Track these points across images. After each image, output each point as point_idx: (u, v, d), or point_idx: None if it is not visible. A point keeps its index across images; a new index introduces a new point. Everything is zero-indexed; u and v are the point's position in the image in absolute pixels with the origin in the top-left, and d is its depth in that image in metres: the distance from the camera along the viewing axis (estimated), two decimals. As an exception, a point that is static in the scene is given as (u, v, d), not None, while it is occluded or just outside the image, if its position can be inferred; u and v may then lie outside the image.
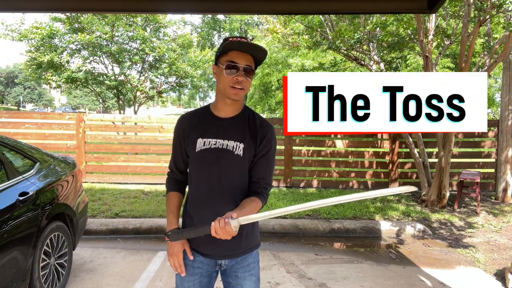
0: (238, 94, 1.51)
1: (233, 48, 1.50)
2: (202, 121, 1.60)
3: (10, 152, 3.08)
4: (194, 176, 1.61)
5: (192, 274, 1.61)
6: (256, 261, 1.67)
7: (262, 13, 8.68)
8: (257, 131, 1.58)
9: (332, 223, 5.10)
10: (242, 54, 1.50)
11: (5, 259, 2.48)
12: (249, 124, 1.59)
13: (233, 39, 1.50)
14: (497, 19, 6.27)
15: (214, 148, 1.55)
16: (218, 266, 1.64)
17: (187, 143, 1.60)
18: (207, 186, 1.56)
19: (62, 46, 11.38)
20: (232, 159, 1.54)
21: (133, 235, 4.81)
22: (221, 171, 1.54)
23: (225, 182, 1.55)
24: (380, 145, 7.53)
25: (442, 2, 2.14)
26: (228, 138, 1.55)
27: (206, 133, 1.57)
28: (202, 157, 1.56)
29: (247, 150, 1.55)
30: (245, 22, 27.25)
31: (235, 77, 1.49)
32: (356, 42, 6.17)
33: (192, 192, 1.63)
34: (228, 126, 1.58)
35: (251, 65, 1.52)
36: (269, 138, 1.59)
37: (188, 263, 1.61)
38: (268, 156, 1.60)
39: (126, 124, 7.96)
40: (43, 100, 54.97)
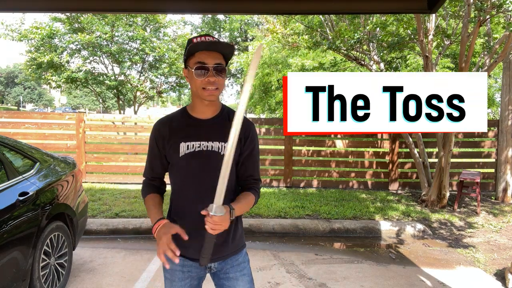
0: (213, 94, 1.48)
1: (199, 49, 1.46)
2: (181, 125, 1.56)
3: (10, 152, 3.08)
4: (179, 182, 1.57)
5: (182, 278, 1.59)
6: (247, 260, 1.66)
7: (262, 13, 8.67)
8: (240, 130, 1.54)
9: (332, 223, 5.10)
10: (209, 53, 1.46)
11: (5, 259, 2.48)
12: (230, 122, 1.55)
13: (196, 40, 1.46)
14: (497, 19, 6.27)
15: (199, 151, 1.52)
16: (208, 269, 1.62)
17: (167, 149, 1.55)
18: (194, 191, 1.53)
19: (62, 46, 11.39)
20: (219, 160, 1.46)
21: (133, 235, 4.81)
22: (209, 174, 1.50)
23: (212, 184, 1.46)
24: (380, 145, 7.53)
25: (442, 2, 2.14)
26: (212, 139, 1.53)
27: (188, 136, 1.53)
28: (187, 161, 1.52)
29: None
30: (245, 22, 27.25)
31: (206, 78, 1.45)
32: (356, 42, 6.17)
33: (177, 200, 1.59)
34: (210, 128, 1.54)
35: (221, 62, 1.47)
36: (252, 137, 1.59)
37: (177, 268, 1.58)
38: (254, 154, 1.60)
39: (126, 124, 7.96)
40: (43, 100, 54.98)
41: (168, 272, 1.61)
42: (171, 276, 1.60)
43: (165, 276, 1.63)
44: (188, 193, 1.54)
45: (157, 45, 12.00)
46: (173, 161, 1.56)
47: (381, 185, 7.39)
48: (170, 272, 1.60)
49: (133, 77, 12.55)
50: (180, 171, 1.55)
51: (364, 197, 6.61)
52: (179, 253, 1.41)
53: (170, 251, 1.39)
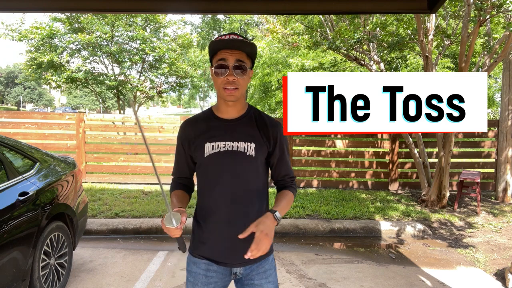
0: (233, 94, 1.44)
1: (220, 47, 1.43)
2: (207, 125, 1.54)
3: (10, 152, 3.08)
4: (205, 183, 1.54)
5: (205, 283, 1.53)
6: (273, 267, 1.60)
7: (262, 13, 8.67)
8: (268, 131, 1.54)
9: (332, 223, 5.10)
10: (231, 52, 1.42)
11: (5, 259, 2.48)
12: (257, 123, 1.54)
13: (218, 38, 1.43)
14: (497, 19, 6.28)
15: (224, 151, 1.49)
16: (233, 275, 1.56)
17: (193, 149, 1.54)
18: (219, 192, 1.50)
19: (62, 46, 11.38)
20: (244, 161, 1.48)
21: (133, 235, 4.81)
22: (235, 174, 1.49)
23: (239, 185, 1.49)
24: (380, 145, 7.53)
25: (442, 2, 2.13)
26: (237, 139, 1.49)
27: (213, 136, 1.50)
28: (212, 161, 1.49)
29: (259, 150, 1.50)
30: (245, 22, 27.24)
31: (226, 77, 1.42)
32: (356, 42, 6.17)
33: (202, 200, 1.56)
34: (236, 128, 1.52)
35: (243, 60, 1.43)
36: (281, 136, 1.57)
37: (201, 272, 1.54)
38: (285, 154, 1.59)
39: (126, 124, 7.96)
40: (43, 100, 54.97)
41: (191, 275, 1.56)
42: (194, 279, 1.55)
43: (187, 279, 1.58)
44: (213, 194, 1.51)
45: (157, 45, 12.00)
46: (198, 161, 1.54)
47: (381, 185, 7.39)
48: (193, 275, 1.55)
49: (133, 77, 12.54)
50: (205, 172, 1.53)
51: (364, 197, 6.61)
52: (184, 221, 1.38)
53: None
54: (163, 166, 7.50)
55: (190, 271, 1.57)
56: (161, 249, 4.34)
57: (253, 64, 1.53)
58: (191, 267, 1.57)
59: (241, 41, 1.42)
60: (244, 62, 1.44)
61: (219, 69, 1.43)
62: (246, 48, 1.44)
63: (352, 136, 7.59)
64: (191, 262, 1.57)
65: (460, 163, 7.39)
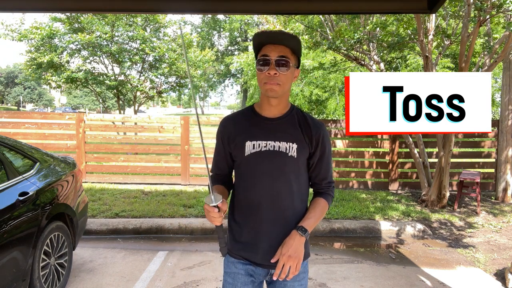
0: (273, 89, 1.40)
1: (263, 42, 1.41)
2: (248, 123, 1.50)
3: (10, 152, 3.08)
4: (244, 182, 1.51)
5: (245, 283, 1.52)
6: (306, 271, 1.59)
7: (262, 13, 8.65)
8: (311, 131, 1.50)
9: (332, 223, 5.10)
10: (274, 47, 1.39)
11: (5, 259, 2.48)
12: (300, 124, 1.51)
13: (262, 31, 1.42)
14: (497, 19, 6.27)
15: (265, 151, 1.45)
16: (269, 276, 1.54)
17: (233, 147, 1.50)
18: (260, 192, 1.47)
19: (62, 46, 11.37)
20: (286, 161, 1.45)
21: (133, 235, 4.81)
22: (275, 175, 1.45)
23: (280, 186, 1.46)
24: (380, 145, 7.53)
25: (442, 2, 2.13)
26: (279, 139, 1.46)
27: (255, 135, 1.47)
28: (252, 161, 1.46)
29: (301, 151, 1.47)
30: (245, 22, 27.25)
31: (267, 71, 1.39)
32: (356, 42, 6.16)
33: (241, 199, 1.53)
34: (278, 127, 1.48)
35: (285, 55, 1.39)
36: (324, 137, 1.52)
37: (241, 272, 1.52)
38: (327, 156, 1.54)
39: (126, 124, 7.96)
40: (43, 100, 54.97)
41: (230, 276, 1.54)
42: (233, 280, 1.53)
43: (225, 280, 1.55)
44: (252, 194, 1.48)
45: (157, 45, 12.00)
46: (238, 159, 1.51)
47: (381, 185, 7.39)
48: (232, 276, 1.53)
49: (133, 77, 12.54)
50: (245, 171, 1.50)
51: (364, 197, 6.61)
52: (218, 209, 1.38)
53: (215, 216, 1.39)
54: (162, 166, 7.50)
55: (229, 272, 1.54)
56: (161, 249, 4.34)
57: (299, 62, 1.49)
58: (230, 268, 1.54)
59: (284, 34, 1.39)
60: (287, 58, 1.40)
61: (261, 64, 1.40)
62: (290, 43, 1.41)
63: (352, 136, 7.60)
64: (230, 263, 1.55)
65: (460, 163, 7.39)
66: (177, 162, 7.42)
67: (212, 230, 4.89)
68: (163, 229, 4.86)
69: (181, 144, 7.37)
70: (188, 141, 7.35)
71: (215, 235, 4.85)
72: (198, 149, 7.68)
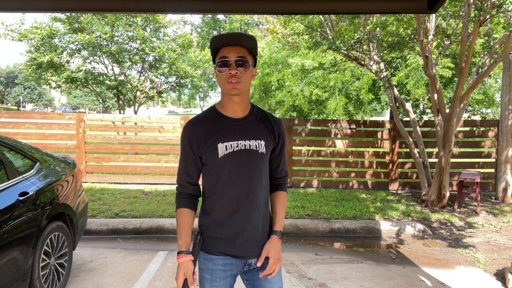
0: (236, 87, 1.46)
1: (220, 45, 1.47)
2: (216, 125, 1.54)
3: (10, 152, 3.08)
4: (217, 183, 1.55)
5: (223, 277, 1.58)
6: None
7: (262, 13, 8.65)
8: (273, 127, 1.61)
9: (332, 223, 5.10)
10: (232, 48, 1.46)
11: (5, 259, 2.48)
12: (262, 121, 1.60)
13: (217, 35, 1.46)
14: (497, 19, 6.27)
15: (238, 151, 1.52)
16: (247, 266, 1.63)
17: (204, 151, 1.53)
18: (234, 191, 1.53)
19: (62, 46, 11.37)
20: (258, 158, 1.55)
21: (133, 235, 4.81)
22: (250, 172, 1.53)
23: (254, 181, 1.55)
24: (380, 145, 7.53)
25: (442, 2, 2.13)
26: (248, 138, 1.54)
27: (225, 136, 1.51)
28: (227, 162, 1.51)
29: (267, 146, 1.58)
30: (245, 22, 27.26)
31: (228, 71, 1.45)
32: (356, 42, 6.16)
33: (214, 200, 1.57)
34: (245, 126, 1.55)
35: (243, 55, 1.46)
36: (283, 132, 1.65)
37: (219, 267, 1.58)
38: (283, 150, 1.68)
39: (126, 124, 7.96)
40: (43, 100, 54.97)
41: (208, 273, 1.59)
42: (211, 276, 1.58)
43: (203, 277, 1.61)
44: (229, 193, 1.54)
45: (157, 45, 12.00)
46: (209, 162, 1.54)
47: (381, 185, 7.39)
48: (210, 272, 1.59)
49: (133, 77, 12.53)
50: (219, 172, 1.53)
51: (364, 197, 6.61)
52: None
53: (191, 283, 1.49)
54: (162, 166, 7.51)
55: (206, 269, 1.59)
56: (161, 249, 4.34)
57: (255, 61, 1.54)
58: (207, 265, 1.59)
59: (240, 35, 1.45)
60: (245, 58, 1.47)
61: (221, 66, 1.46)
62: (246, 43, 1.48)
63: (352, 136, 7.60)
64: (206, 260, 1.59)
65: (460, 163, 7.39)
66: (177, 162, 7.42)
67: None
68: (163, 229, 4.86)
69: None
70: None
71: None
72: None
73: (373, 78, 12.38)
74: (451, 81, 11.35)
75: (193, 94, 38.74)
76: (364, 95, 12.72)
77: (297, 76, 12.83)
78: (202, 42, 26.68)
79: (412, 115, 6.69)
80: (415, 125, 6.62)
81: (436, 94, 5.96)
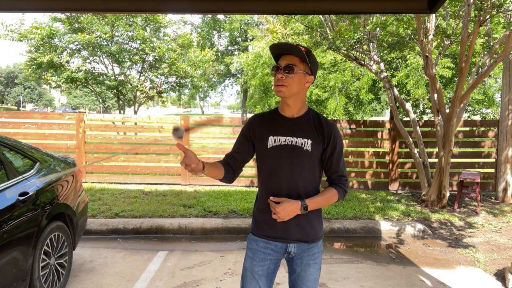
0: (280, 90, 1.68)
1: (279, 53, 1.71)
2: (272, 121, 1.78)
3: (10, 152, 3.08)
4: (266, 172, 1.76)
5: (263, 259, 1.76)
6: (320, 251, 1.85)
7: (262, 13, 8.66)
8: (323, 129, 1.75)
9: (332, 223, 5.10)
10: (285, 56, 1.69)
11: (5, 259, 2.48)
12: (314, 123, 1.76)
13: (275, 44, 1.70)
14: (497, 19, 6.27)
15: (284, 145, 1.72)
16: (287, 254, 1.77)
17: (257, 139, 1.77)
18: (278, 180, 1.72)
19: (62, 46, 11.37)
20: (301, 154, 1.71)
21: (133, 235, 4.81)
22: (292, 166, 1.71)
23: (296, 176, 1.71)
24: (380, 145, 7.53)
25: (442, 2, 2.13)
26: (296, 135, 1.72)
27: (276, 131, 1.74)
28: (273, 153, 1.72)
29: (314, 145, 1.72)
30: (245, 22, 27.24)
31: (276, 75, 1.68)
32: (356, 42, 6.16)
33: (265, 187, 1.77)
34: (295, 125, 1.75)
35: (293, 63, 1.66)
36: (335, 135, 1.76)
37: (260, 249, 1.76)
38: (338, 152, 1.78)
39: (126, 124, 7.95)
40: (43, 100, 54.96)
41: (251, 251, 1.80)
42: (253, 255, 1.78)
43: (246, 254, 1.82)
44: (274, 182, 1.73)
45: (157, 45, 11.99)
46: (261, 151, 1.77)
47: (381, 185, 7.38)
48: (252, 251, 1.79)
49: (133, 77, 12.53)
50: (267, 162, 1.75)
51: (364, 197, 6.61)
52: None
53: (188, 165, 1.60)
54: (162, 166, 7.50)
55: (251, 248, 1.81)
56: (161, 249, 4.34)
57: (311, 71, 1.72)
58: (252, 244, 1.80)
59: (290, 46, 1.67)
60: (294, 65, 1.66)
61: (274, 71, 1.70)
62: (294, 51, 1.67)
63: (352, 136, 7.60)
64: (252, 240, 1.81)
65: (460, 163, 7.39)
66: (177, 162, 7.42)
67: (212, 230, 4.89)
68: (163, 229, 4.86)
69: (181, 144, 7.36)
70: (188, 141, 7.35)
71: (215, 235, 4.85)
72: (198, 149, 7.68)
73: (373, 78, 12.37)
74: (451, 81, 11.34)
75: (193, 94, 38.72)
76: (364, 95, 12.71)
77: (297, 76, 12.79)
78: (202, 42, 26.66)
79: (412, 115, 6.69)
80: (415, 125, 6.62)
81: (436, 94, 5.96)
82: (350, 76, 12.95)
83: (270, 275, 1.79)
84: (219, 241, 4.68)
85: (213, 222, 4.97)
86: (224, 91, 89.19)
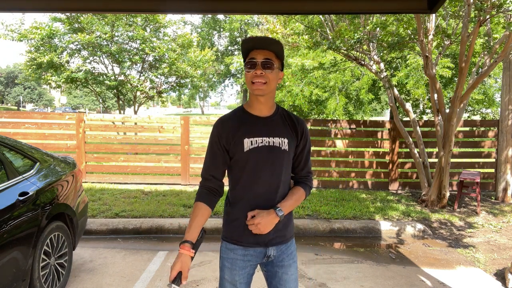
0: (260, 88, 1.58)
1: (250, 48, 1.59)
2: (243, 122, 1.66)
3: (10, 152, 3.08)
4: (241, 176, 1.65)
5: (243, 267, 1.68)
6: (295, 248, 1.81)
7: (262, 13, 8.65)
8: (296, 126, 1.71)
9: (332, 223, 5.10)
10: (260, 51, 1.58)
11: (5, 259, 2.48)
12: (286, 120, 1.71)
13: (248, 38, 1.60)
14: (497, 19, 6.27)
15: (262, 146, 1.63)
16: (266, 258, 1.71)
17: (232, 144, 1.63)
18: (257, 184, 1.63)
19: (62, 46, 11.36)
20: (280, 155, 1.64)
21: (133, 235, 4.81)
22: (273, 167, 1.63)
23: (276, 177, 1.64)
24: (380, 145, 7.53)
25: (442, 2, 2.13)
26: (273, 135, 1.64)
27: (250, 132, 1.63)
28: (251, 156, 1.62)
29: (290, 144, 1.67)
30: (245, 22, 27.25)
31: (254, 71, 1.56)
32: (356, 42, 6.16)
33: (237, 193, 1.68)
34: (270, 124, 1.66)
35: (270, 58, 1.57)
36: (306, 131, 1.74)
37: (239, 257, 1.67)
38: (307, 149, 1.75)
39: (126, 124, 7.96)
40: (43, 100, 54.96)
41: (228, 262, 1.69)
42: (231, 265, 1.69)
43: (224, 265, 1.71)
44: (252, 186, 1.64)
45: (157, 45, 11.99)
46: (236, 156, 1.64)
47: (381, 185, 7.38)
48: (230, 261, 1.69)
49: (133, 77, 12.52)
50: (244, 166, 1.64)
51: (364, 197, 6.61)
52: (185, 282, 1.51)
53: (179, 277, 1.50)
54: (162, 166, 7.50)
55: (227, 257, 1.70)
56: (161, 249, 4.34)
57: (282, 65, 1.66)
58: (228, 254, 1.70)
59: (268, 40, 1.58)
60: (272, 60, 1.58)
61: (249, 67, 1.58)
62: (274, 48, 1.59)
63: (352, 136, 7.60)
64: (228, 250, 1.71)
65: (460, 163, 7.39)
66: (177, 162, 7.42)
67: (212, 230, 4.89)
68: (163, 229, 4.86)
69: (181, 144, 7.37)
70: (188, 141, 7.35)
71: (215, 235, 4.85)
72: (198, 149, 7.68)
73: (373, 78, 12.37)
74: (451, 81, 11.34)
75: (193, 94, 38.76)
76: (364, 95, 12.72)
77: (297, 76, 12.82)
78: (202, 42, 26.66)
79: (412, 115, 6.69)
80: (415, 125, 6.62)
81: (436, 94, 5.96)
82: (350, 76, 12.94)
83: (249, 280, 1.74)
84: (219, 241, 4.68)
85: (213, 222, 4.97)
86: (224, 91, 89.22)
